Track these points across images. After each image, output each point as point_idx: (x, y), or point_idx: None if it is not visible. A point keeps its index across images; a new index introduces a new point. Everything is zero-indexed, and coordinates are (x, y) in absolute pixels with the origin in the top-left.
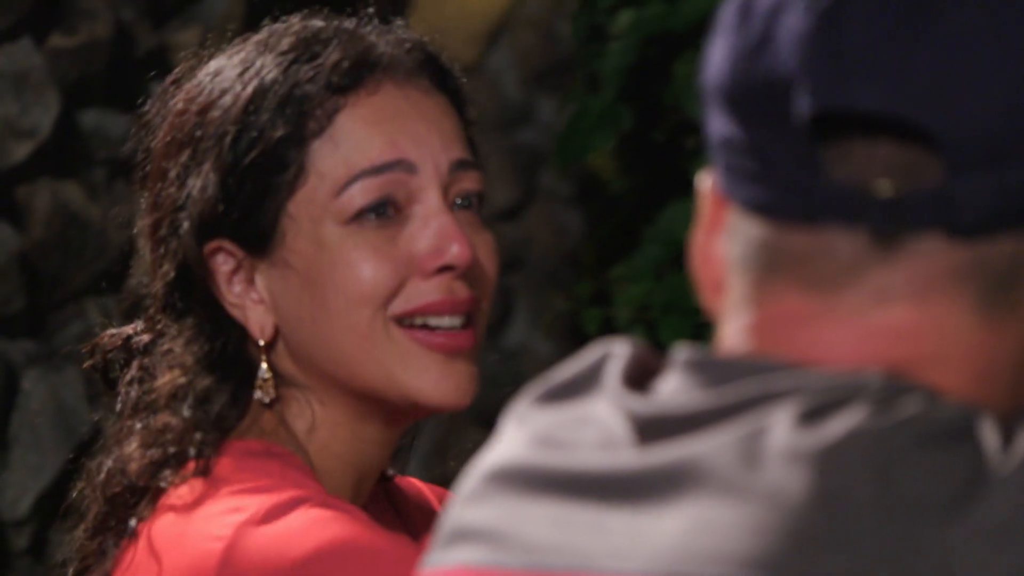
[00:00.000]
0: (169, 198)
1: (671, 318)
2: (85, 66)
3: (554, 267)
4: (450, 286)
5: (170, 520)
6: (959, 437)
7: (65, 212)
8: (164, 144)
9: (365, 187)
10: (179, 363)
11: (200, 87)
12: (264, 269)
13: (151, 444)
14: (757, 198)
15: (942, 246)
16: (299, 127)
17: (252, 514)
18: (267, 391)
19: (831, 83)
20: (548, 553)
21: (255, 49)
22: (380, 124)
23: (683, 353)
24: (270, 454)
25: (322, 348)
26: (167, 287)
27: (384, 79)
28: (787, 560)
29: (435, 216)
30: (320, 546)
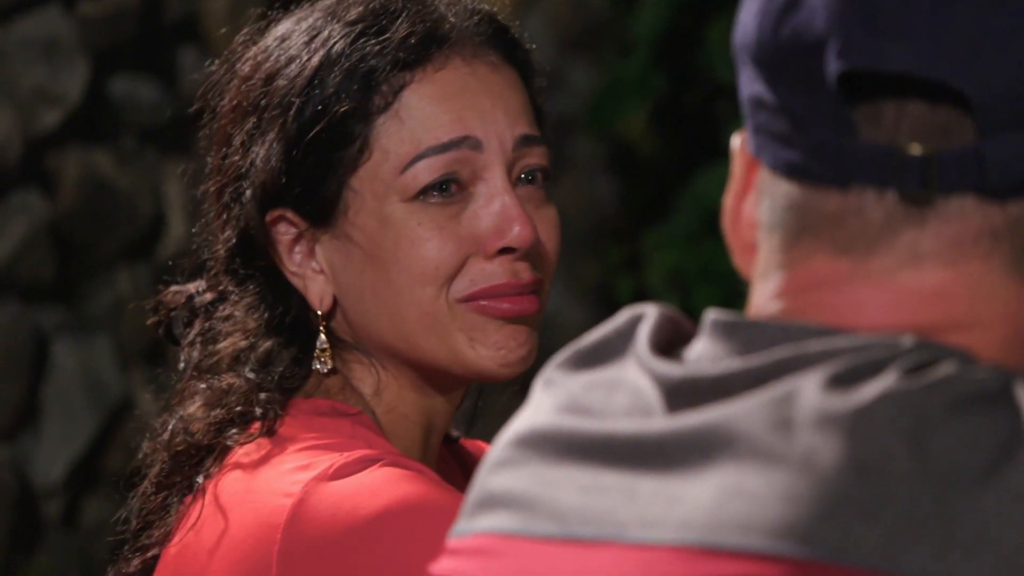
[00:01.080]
0: (233, 165)
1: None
2: (114, 33)
3: (587, 234)
4: (513, 268)
5: (237, 477)
6: (994, 401)
7: (94, 180)
8: (231, 108)
9: (430, 165)
10: (240, 328)
11: (267, 52)
12: (325, 240)
13: (215, 404)
14: (787, 160)
15: (974, 208)
16: (364, 102)
17: (323, 471)
18: (324, 362)
19: (862, 43)
20: (577, 522)
21: (323, 16)
22: (446, 101)
23: (713, 316)
24: (339, 413)
25: (384, 320)
26: (229, 252)
27: (452, 54)
28: (819, 529)
29: (498, 195)
30: (391, 504)
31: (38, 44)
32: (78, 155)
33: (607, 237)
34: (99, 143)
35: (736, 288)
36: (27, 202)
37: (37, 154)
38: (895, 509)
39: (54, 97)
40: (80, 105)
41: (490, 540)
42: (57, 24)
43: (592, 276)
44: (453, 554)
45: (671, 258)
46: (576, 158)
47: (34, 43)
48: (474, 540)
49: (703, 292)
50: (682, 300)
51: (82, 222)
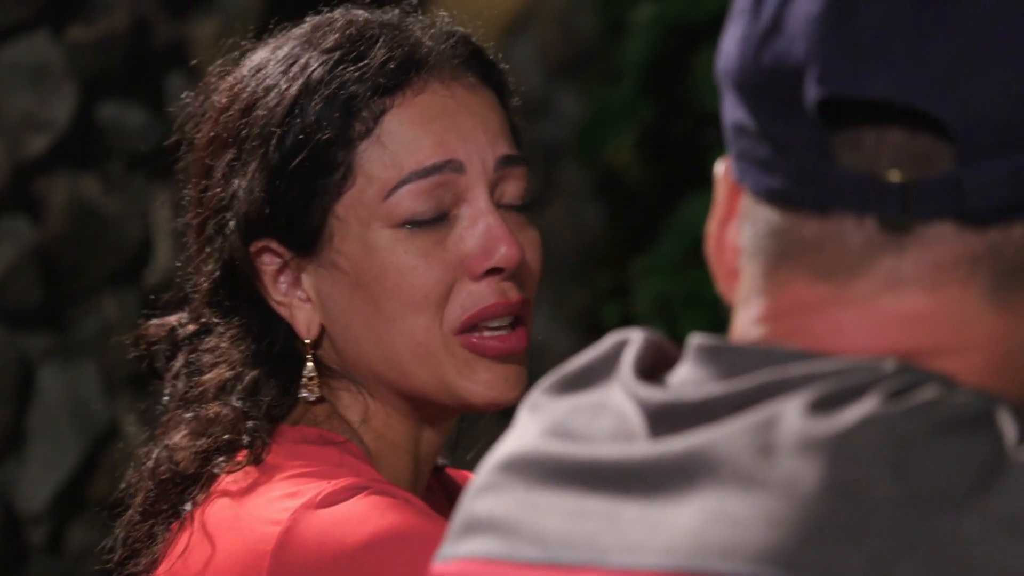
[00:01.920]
0: (215, 197)
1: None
2: (103, 58)
3: (574, 260)
4: (500, 288)
5: (224, 504)
6: (976, 425)
7: (82, 205)
8: (208, 140)
9: (414, 190)
10: (226, 359)
11: (244, 83)
12: (311, 269)
13: (201, 434)
14: (768, 185)
15: (953, 234)
16: (346, 129)
17: (310, 499)
18: (312, 390)
19: (842, 70)
20: (561, 547)
21: (299, 44)
22: (427, 124)
23: (697, 341)
24: (326, 441)
25: (373, 349)
26: (212, 284)
27: (430, 78)
28: (802, 553)
29: (483, 216)
30: (378, 532)
31: (26, 69)
32: (66, 181)
33: (594, 264)
34: (87, 169)
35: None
36: (14, 227)
37: (25, 179)
38: (878, 533)
39: (42, 123)
40: (68, 131)
41: (474, 565)
42: (46, 50)
43: (579, 302)
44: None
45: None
46: (564, 185)
47: (22, 68)
48: (458, 565)
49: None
50: (669, 327)
51: (69, 247)
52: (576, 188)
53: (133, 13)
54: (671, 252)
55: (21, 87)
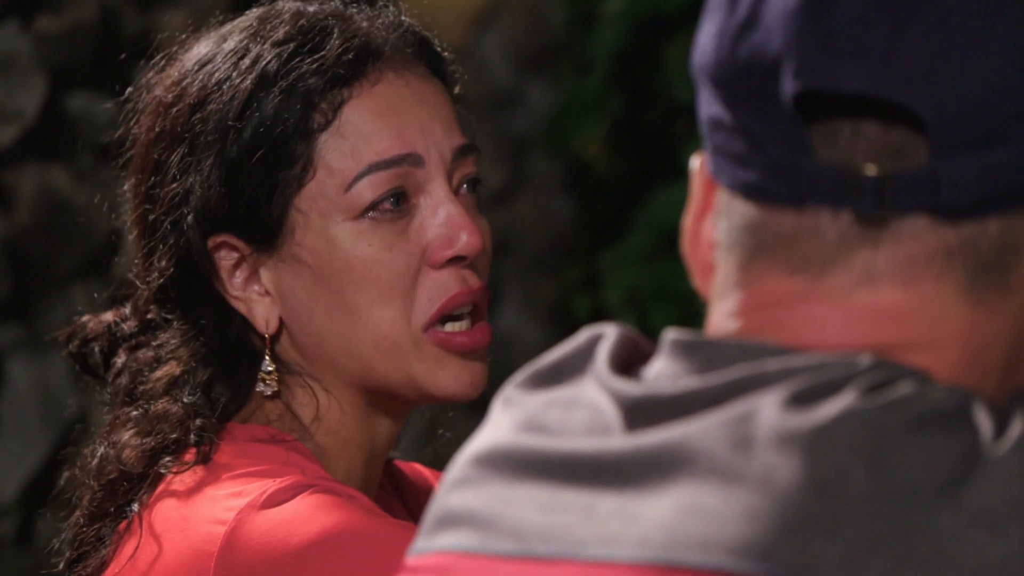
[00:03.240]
0: (168, 193)
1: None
2: (71, 50)
3: (543, 252)
4: (461, 275)
5: (171, 505)
6: (951, 420)
7: (51, 196)
8: (154, 135)
9: (374, 181)
10: (176, 355)
11: (190, 78)
12: (271, 263)
13: (148, 432)
14: (744, 179)
15: (928, 227)
16: (305, 121)
17: (254, 498)
18: (270, 384)
19: (817, 63)
20: (536, 539)
21: (247, 36)
22: (386, 116)
23: (672, 336)
24: (275, 440)
25: (336, 342)
26: (166, 282)
27: (385, 68)
28: (778, 546)
29: (443, 205)
30: (322, 531)
31: None
32: (34, 172)
33: (564, 256)
34: (55, 160)
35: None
36: None
37: None
38: (854, 527)
39: (10, 114)
40: (37, 122)
41: (449, 558)
42: (13, 41)
43: (549, 295)
44: (412, 572)
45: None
46: (533, 177)
47: None
48: (433, 558)
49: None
50: (639, 319)
51: (38, 239)
52: (545, 180)
53: (101, 4)
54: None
55: None
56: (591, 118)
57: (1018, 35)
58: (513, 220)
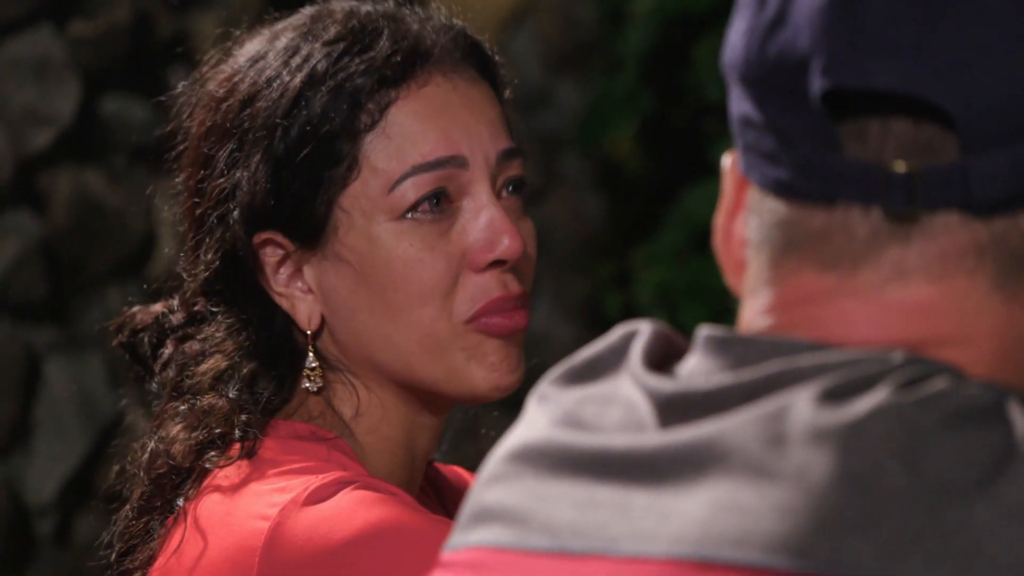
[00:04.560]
0: (216, 187)
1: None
2: (105, 53)
3: (575, 251)
4: (502, 280)
5: (216, 500)
6: (986, 416)
7: (86, 198)
8: (205, 130)
9: (418, 183)
10: (221, 349)
11: (242, 74)
12: (314, 261)
13: (196, 426)
14: (775, 177)
15: (958, 223)
16: (352, 120)
17: (297, 494)
18: (314, 380)
19: (847, 61)
20: (570, 535)
21: (298, 35)
22: (432, 118)
23: (706, 332)
24: (317, 437)
25: (378, 340)
26: (212, 275)
27: (433, 70)
28: (813, 543)
29: (485, 208)
30: (364, 527)
31: (30, 64)
32: (69, 174)
33: (596, 254)
34: (90, 162)
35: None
36: (19, 221)
37: (29, 173)
38: (888, 523)
39: (46, 117)
40: (71, 125)
41: (484, 553)
42: (48, 44)
43: (581, 292)
44: (447, 567)
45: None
46: (565, 175)
47: (26, 63)
48: (468, 553)
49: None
50: (670, 316)
51: (73, 241)
52: (577, 179)
53: (135, 7)
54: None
55: (24, 82)
56: (622, 117)
57: None
58: (545, 219)
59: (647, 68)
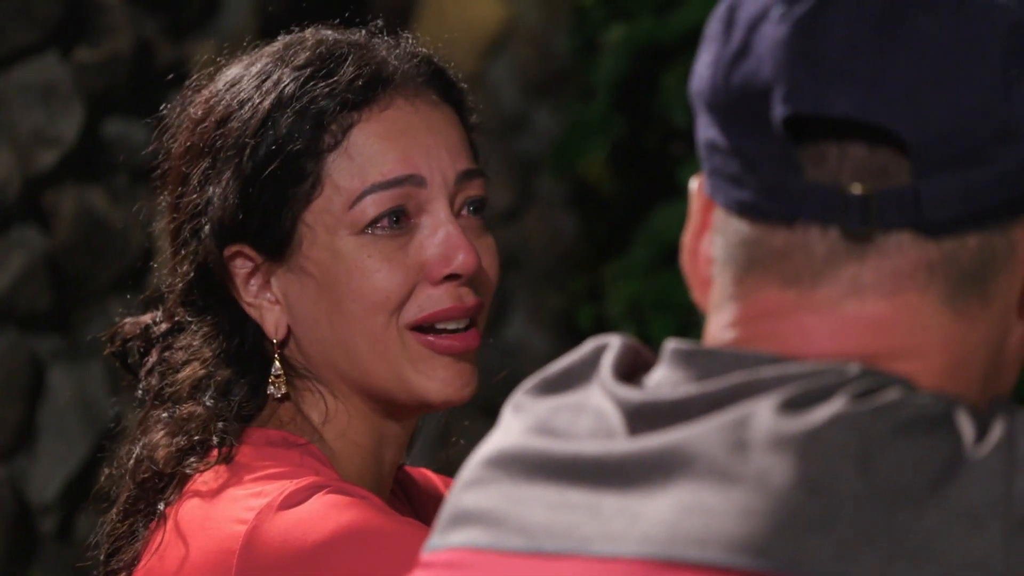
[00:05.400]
0: (190, 203)
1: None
2: (108, 78)
3: (550, 267)
4: (457, 293)
5: (196, 504)
6: (937, 424)
7: (89, 216)
8: (184, 149)
9: (377, 200)
10: (198, 357)
11: (219, 97)
12: (281, 273)
13: (177, 432)
14: (739, 199)
15: (910, 243)
16: (315, 141)
17: (273, 498)
18: (279, 387)
19: (806, 89)
20: (545, 536)
21: (272, 61)
22: (392, 139)
23: (673, 345)
24: (289, 444)
25: (337, 349)
26: (187, 286)
27: (395, 94)
28: (773, 543)
29: (442, 226)
30: (338, 530)
31: (36, 89)
32: (74, 193)
33: (569, 269)
34: (93, 182)
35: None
36: (25, 237)
37: (35, 192)
38: (844, 524)
39: (51, 139)
40: (76, 146)
41: (462, 554)
42: (54, 70)
43: (555, 306)
44: (426, 567)
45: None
46: (540, 196)
47: (32, 88)
48: (446, 554)
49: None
50: (639, 329)
51: (77, 255)
52: (552, 199)
53: (136, 35)
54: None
55: (32, 105)
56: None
57: (995, 62)
58: (521, 236)
59: (618, 95)
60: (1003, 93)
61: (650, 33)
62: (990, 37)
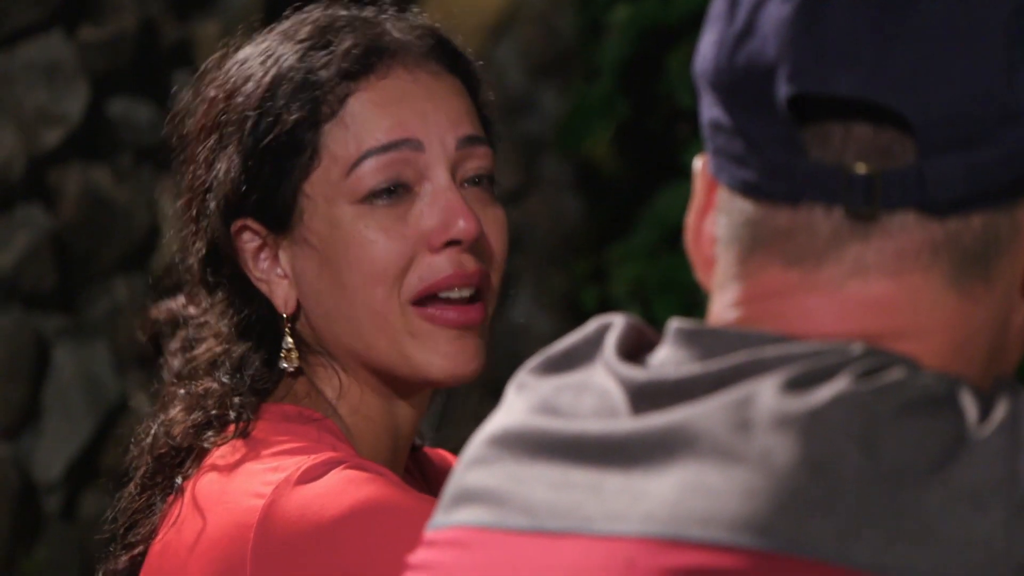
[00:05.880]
0: (199, 180)
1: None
2: (113, 57)
3: (554, 248)
4: (459, 259)
5: (213, 478)
6: (940, 404)
7: (94, 195)
8: (197, 129)
9: (373, 166)
10: (214, 333)
11: (228, 75)
12: (287, 246)
13: (194, 408)
14: (743, 179)
15: (915, 223)
16: (313, 111)
17: (290, 474)
18: (290, 361)
19: (811, 69)
20: (547, 515)
21: (277, 38)
22: (388, 106)
23: (676, 324)
24: (305, 419)
25: (341, 322)
26: (200, 263)
27: (394, 64)
28: (776, 523)
29: (442, 193)
30: (354, 505)
31: (41, 68)
32: (78, 172)
33: (573, 251)
34: (98, 160)
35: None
36: (30, 215)
37: (40, 171)
38: (847, 504)
39: (56, 117)
40: (80, 125)
41: (465, 532)
42: (59, 49)
43: (559, 287)
44: (430, 545)
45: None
46: (545, 177)
47: (37, 67)
48: (450, 532)
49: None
50: (643, 309)
51: (82, 234)
52: (556, 180)
53: (141, 14)
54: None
55: (36, 84)
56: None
57: (1000, 44)
58: (526, 217)
59: (623, 76)
60: (1007, 75)
61: (655, 14)
62: (995, 19)
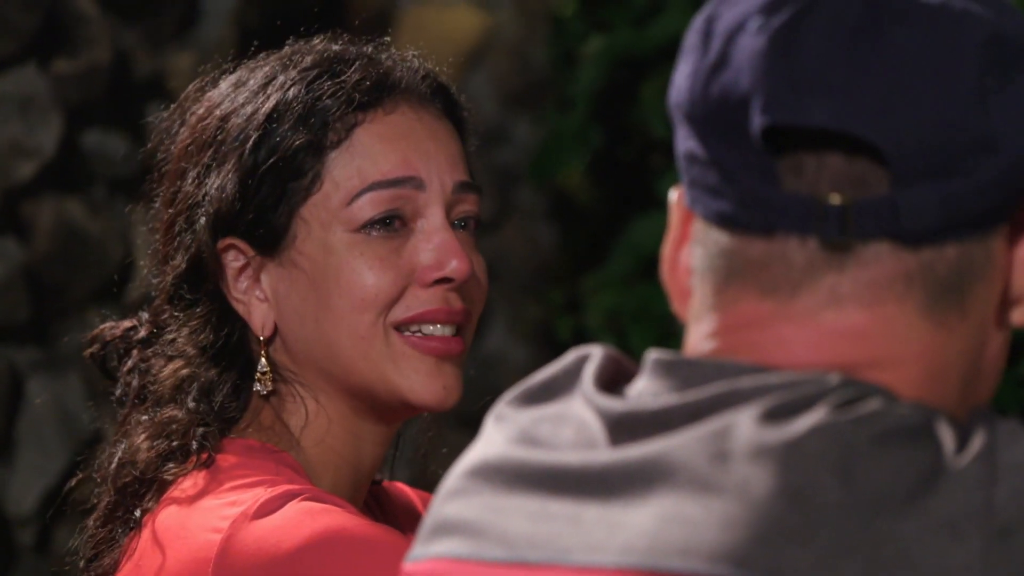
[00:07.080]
0: (187, 195)
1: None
2: (86, 89)
3: (529, 278)
4: (446, 297)
5: (173, 512)
6: (916, 435)
7: (67, 227)
8: (184, 147)
9: (375, 199)
10: (181, 353)
11: (223, 96)
12: (271, 269)
13: (157, 436)
14: (717, 209)
15: (888, 253)
16: (319, 137)
17: (247, 507)
18: (265, 383)
19: (784, 100)
20: (525, 546)
21: (278, 65)
22: (394, 141)
23: (654, 356)
24: (267, 451)
25: (322, 346)
26: (177, 278)
27: (400, 101)
28: (754, 553)
29: (438, 232)
30: (311, 536)
31: (15, 100)
32: (52, 204)
33: (548, 280)
34: (72, 193)
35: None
36: (4, 248)
37: (14, 203)
38: (824, 534)
39: (30, 150)
40: (54, 157)
41: (443, 564)
42: (33, 82)
43: (534, 317)
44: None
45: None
46: (519, 206)
47: (11, 99)
48: (428, 564)
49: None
50: (619, 340)
51: (56, 266)
52: (530, 210)
53: (115, 47)
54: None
55: (10, 117)
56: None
57: (972, 73)
58: (500, 247)
59: (597, 106)
60: (980, 104)
61: (629, 45)
62: (966, 48)
